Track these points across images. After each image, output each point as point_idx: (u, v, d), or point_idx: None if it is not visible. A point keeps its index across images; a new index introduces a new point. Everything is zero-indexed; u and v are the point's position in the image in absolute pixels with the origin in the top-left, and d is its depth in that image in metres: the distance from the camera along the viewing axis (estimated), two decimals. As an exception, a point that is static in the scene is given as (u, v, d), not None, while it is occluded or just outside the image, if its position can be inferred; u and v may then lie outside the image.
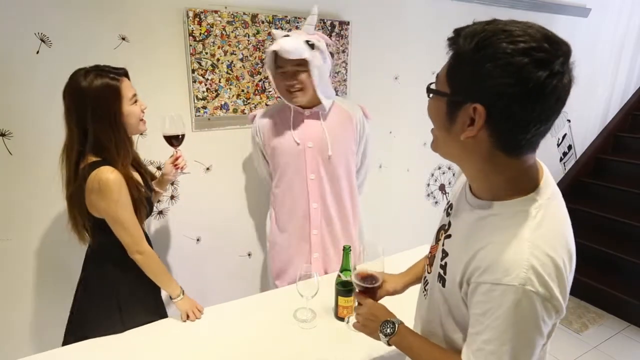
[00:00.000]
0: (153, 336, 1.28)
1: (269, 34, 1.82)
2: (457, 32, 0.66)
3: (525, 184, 0.69)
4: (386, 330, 0.90)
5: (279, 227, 1.75)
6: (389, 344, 0.90)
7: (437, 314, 0.84)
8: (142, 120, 1.28)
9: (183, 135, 1.45)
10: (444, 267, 0.80)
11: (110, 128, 1.18)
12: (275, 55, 1.49)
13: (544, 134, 0.66)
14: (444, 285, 0.79)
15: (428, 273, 0.90)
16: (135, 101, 1.25)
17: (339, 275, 1.33)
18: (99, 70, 1.18)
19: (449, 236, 0.81)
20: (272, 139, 1.64)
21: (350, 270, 1.31)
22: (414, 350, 0.86)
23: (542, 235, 0.66)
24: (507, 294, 0.63)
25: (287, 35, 1.50)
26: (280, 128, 1.63)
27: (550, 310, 0.65)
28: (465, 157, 0.72)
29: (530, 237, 0.65)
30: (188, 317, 1.33)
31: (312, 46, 1.50)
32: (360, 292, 1.04)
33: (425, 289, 0.91)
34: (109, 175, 1.17)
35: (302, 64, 1.49)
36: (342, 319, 1.33)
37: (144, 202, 1.29)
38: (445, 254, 0.80)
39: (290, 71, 1.50)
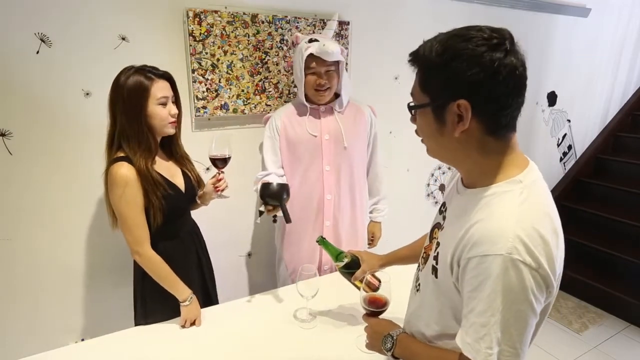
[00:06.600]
0: (152, 336, 1.28)
1: (269, 34, 1.83)
2: (415, 52, 0.74)
3: (512, 168, 0.73)
4: (387, 345, 0.92)
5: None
6: (395, 357, 0.92)
7: (430, 310, 0.85)
8: (170, 123, 1.29)
9: (229, 158, 1.41)
10: (436, 257, 0.81)
11: (135, 122, 1.22)
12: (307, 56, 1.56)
13: (519, 108, 0.72)
14: (436, 276, 0.81)
15: (420, 271, 0.92)
16: (164, 104, 1.26)
17: (337, 265, 1.29)
18: (140, 69, 1.24)
19: (442, 228, 0.84)
20: (289, 133, 1.69)
21: (343, 252, 1.28)
22: (418, 357, 0.87)
23: (527, 209, 0.68)
24: (495, 264, 0.65)
25: (316, 40, 1.59)
26: (297, 123, 1.70)
27: (540, 283, 0.65)
28: (461, 153, 0.75)
29: (516, 211, 0.68)
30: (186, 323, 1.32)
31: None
32: (366, 314, 1.07)
33: (416, 285, 0.93)
34: (117, 169, 1.21)
35: (333, 65, 1.59)
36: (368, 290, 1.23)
37: (160, 202, 1.26)
38: (437, 245, 0.82)
39: (323, 72, 1.59)
